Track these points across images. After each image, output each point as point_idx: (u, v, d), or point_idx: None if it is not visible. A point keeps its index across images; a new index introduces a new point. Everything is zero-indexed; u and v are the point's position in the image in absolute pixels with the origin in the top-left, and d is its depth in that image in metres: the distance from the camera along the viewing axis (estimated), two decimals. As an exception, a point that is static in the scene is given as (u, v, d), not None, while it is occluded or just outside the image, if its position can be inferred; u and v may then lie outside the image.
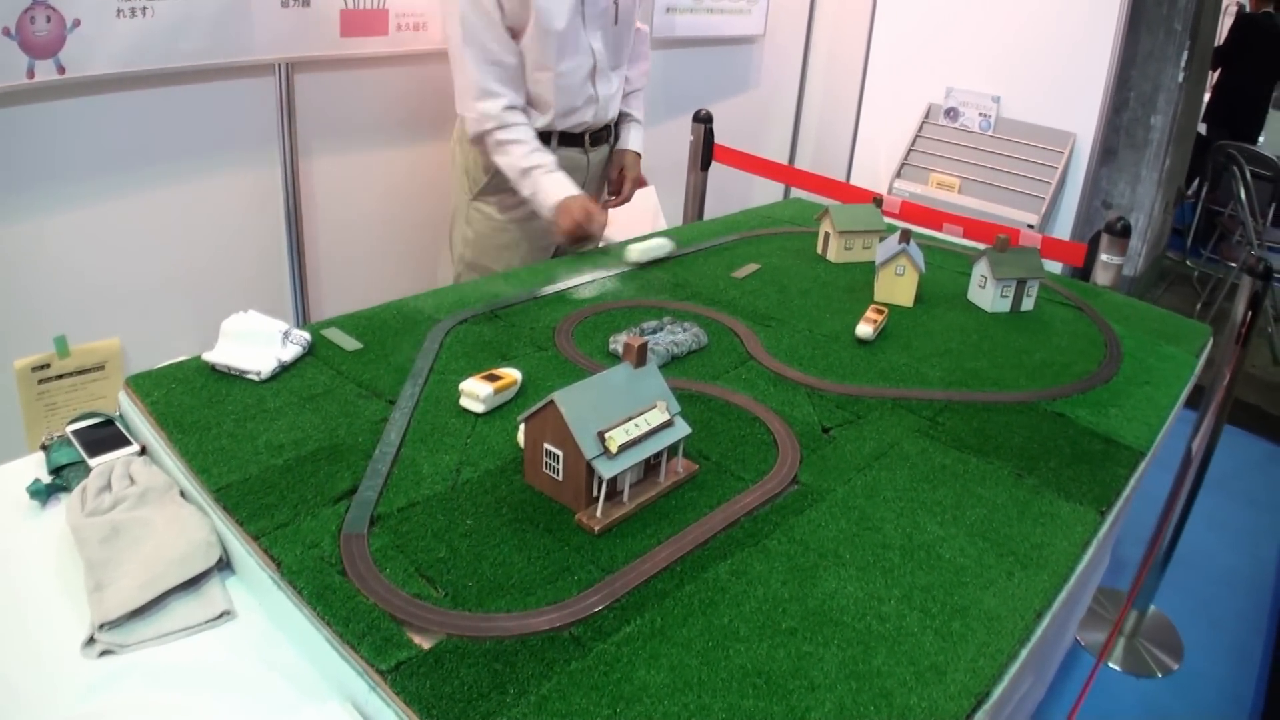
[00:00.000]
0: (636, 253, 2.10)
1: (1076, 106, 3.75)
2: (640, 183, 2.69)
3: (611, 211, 2.66)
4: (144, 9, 2.08)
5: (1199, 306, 5.03)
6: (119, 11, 2.04)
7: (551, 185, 2.28)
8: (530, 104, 2.34)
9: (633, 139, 2.67)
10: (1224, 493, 3.37)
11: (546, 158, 2.31)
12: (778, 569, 1.09)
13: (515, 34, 2.25)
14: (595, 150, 2.55)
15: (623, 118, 2.67)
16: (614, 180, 2.66)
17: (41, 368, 2.19)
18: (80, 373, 2.27)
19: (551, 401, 1.11)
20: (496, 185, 2.42)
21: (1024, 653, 1.02)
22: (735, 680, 0.92)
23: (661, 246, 2.16)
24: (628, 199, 2.69)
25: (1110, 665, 2.51)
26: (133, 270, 2.34)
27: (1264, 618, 2.76)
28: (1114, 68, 3.66)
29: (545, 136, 2.39)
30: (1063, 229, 3.86)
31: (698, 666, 0.94)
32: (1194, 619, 2.70)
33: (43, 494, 1.25)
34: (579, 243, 2.31)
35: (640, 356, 1.20)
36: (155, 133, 2.28)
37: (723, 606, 1.02)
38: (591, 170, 2.57)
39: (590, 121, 2.44)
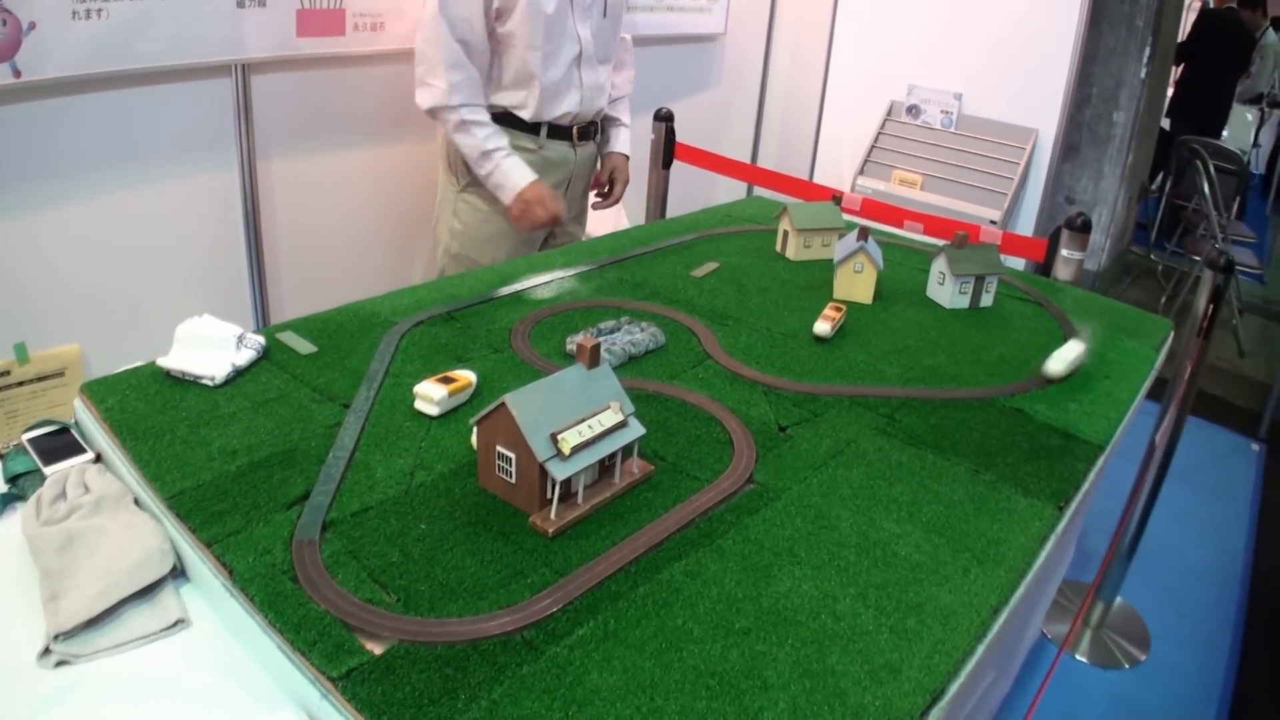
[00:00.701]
0: (1059, 363, 1.68)
1: (1038, 103, 3.78)
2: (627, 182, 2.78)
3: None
4: (99, 10, 2.06)
5: (1164, 300, 5.08)
6: (74, 14, 2.02)
7: (512, 169, 2.40)
8: (516, 84, 2.39)
9: (621, 142, 2.77)
10: (1191, 485, 3.41)
11: (505, 141, 2.40)
12: (732, 569, 1.09)
13: (502, 15, 2.30)
14: (583, 145, 2.60)
15: (610, 122, 2.75)
16: (603, 182, 2.75)
17: (1, 375, 2.17)
18: (40, 379, 2.25)
19: (503, 404, 1.11)
20: None
21: (980, 649, 1.03)
22: (688, 681, 0.93)
23: (1078, 354, 1.72)
24: (618, 199, 2.78)
25: (1077, 657, 2.54)
26: (91, 275, 2.32)
27: (1231, 608, 2.80)
28: (1076, 64, 3.69)
29: (535, 127, 2.45)
30: (1026, 225, 3.89)
31: (651, 668, 0.94)
32: (1161, 610, 2.73)
33: (-1, 504, 1.23)
34: (534, 229, 2.46)
35: (593, 357, 1.20)
36: (112, 136, 2.26)
37: (676, 607, 1.02)
38: (578, 166, 2.62)
39: (577, 111, 2.50)
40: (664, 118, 3.13)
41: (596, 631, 0.98)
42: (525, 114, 2.43)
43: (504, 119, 2.44)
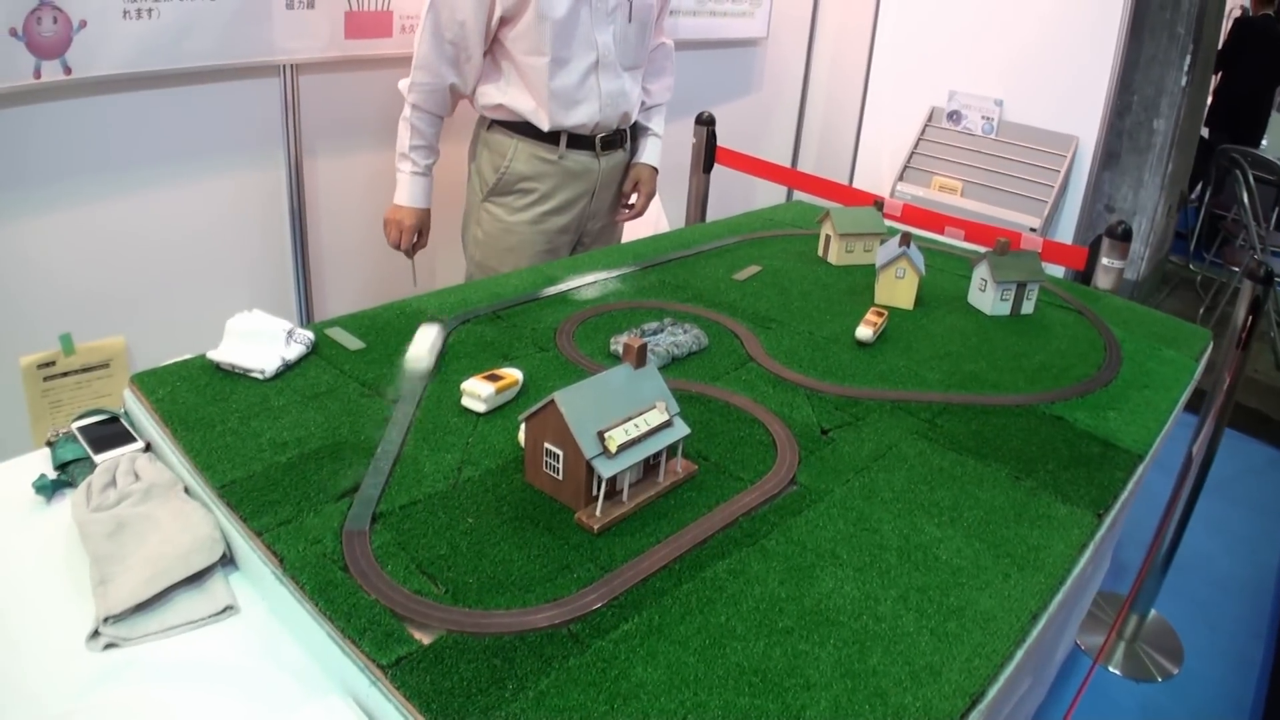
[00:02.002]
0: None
1: (1079, 110, 3.76)
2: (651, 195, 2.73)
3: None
4: (150, 10, 2.10)
5: (1202, 311, 5.03)
6: (125, 13, 2.06)
7: (407, 183, 2.43)
8: (526, 91, 2.34)
9: (649, 153, 2.70)
10: (1225, 497, 3.38)
11: (425, 159, 2.42)
12: (775, 568, 1.10)
13: (508, 20, 2.25)
14: (607, 155, 2.53)
15: (641, 131, 2.69)
16: (626, 193, 2.69)
17: (47, 365, 2.21)
18: (85, 370, 2.29)
19: (552, 401, 1.12)
20: (505, 186, 2.44)
21: (1019, 654, 1.03)
22: (731, 678, 0.93)
23: None
24: (640, 213, 2.73)
25: (1110, 669, 2.52)
26: (138, 269, 2.35)
27: (1264, 623, 2.77)
28: (1117, 71, 3.67)
29: (553, 136, 2.40)
30: (1065, 233, 3.87)
31: (694, 664, 0.95)
32: (1194, 623, 2.71)
33: (48, 489, 1.25)
34: (393, 245, 2.50)
35: (640, 357, 1.21)
36: (160, 133, 2.29)
37: (720, 605, 1.03)
38: (602, 177, 2.55)
39: (597, 120, 2.42)
40: (705, 121, 3.14)
41: (641, 627, 0.99)
42: (540, 123, 2.37)
43: (523, 128, 2.40)
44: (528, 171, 2.43)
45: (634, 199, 2.70)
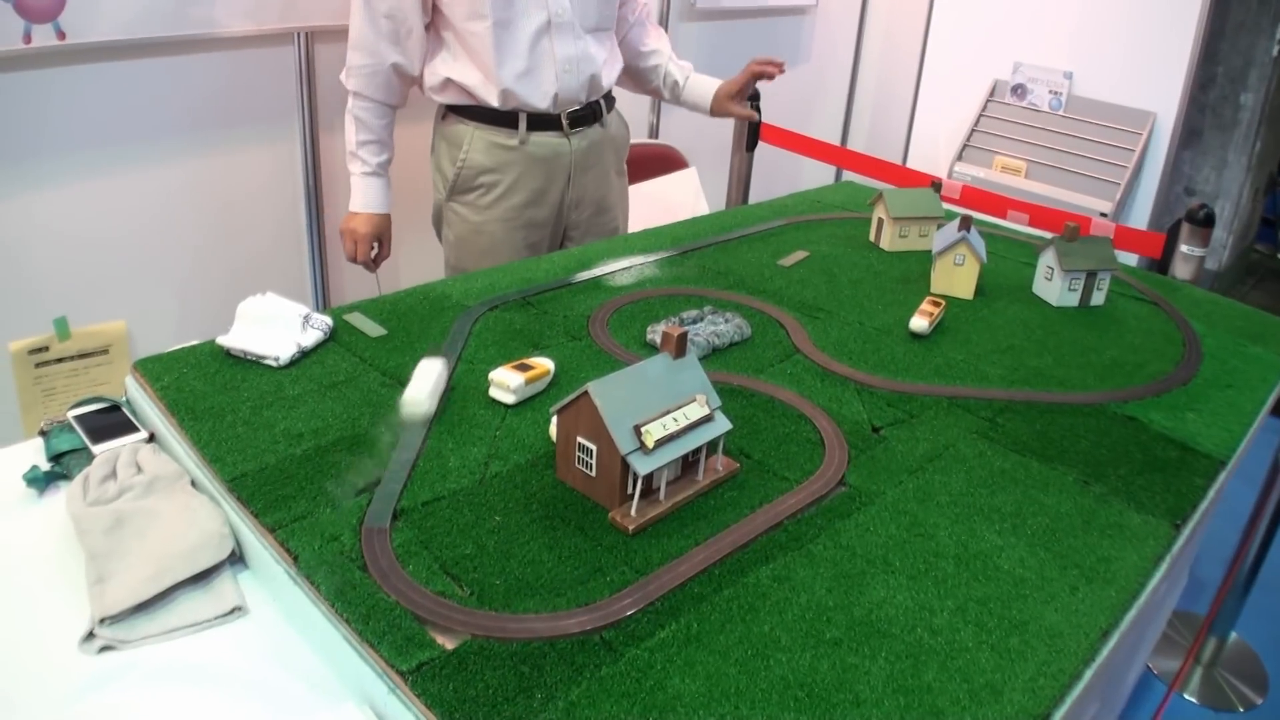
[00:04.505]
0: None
1: (1157, 83, 3.72)
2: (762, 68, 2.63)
3: (649, 195, 2.67)
4: (151, -29, 2.11)
5: (1290, 305, 4.98)
6: (122, -27, 2.07)
7: (363, 188, 2.33)
8: (469, 64, 2.24)
9: (705, 80, 2.66)
10: (1314, 510, 3.33)
11: (376, 156, 2.32)
12: (822, 575, 1.10)
13: None
14: (579, 134, 2.39)
15: (679, 77, 2.65)
16: (753, 77, 2.65)
17: (39, 350, 2.23)
18: (82, 356, 2.31)
19: (586, 393, 1.13)
20: (465, 182, 2.36)
21: (1088, 674, 1.03)
22: (775, 692, 0.94)
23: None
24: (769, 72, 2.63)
25: (1186, 697, 2.50)
26: (139, 249, 2.38)
27: (1356, 648, 2.74)
28: (1200, 40, 3.62)
29: (509, 118, 2.29)
30: (1139, 218, 3.83)
31: (736, 676, 0.95)
32: None
33: (41, 482, 1.27)
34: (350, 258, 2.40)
35: (680, 347, 1.21)
36: (163, 104, 2.31)
37: (763, 613, 1.04)
38: (577, 159, 2.41)
39: (555, 92, 2.28)
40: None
41: (679, 635, 1.00)
42: (490, 98, 2.23)
43: (479, 113, 2.29)
44: (488, 163, 2.32)
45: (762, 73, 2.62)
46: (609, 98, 2.48)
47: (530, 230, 2.41)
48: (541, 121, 2.31)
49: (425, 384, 1.46)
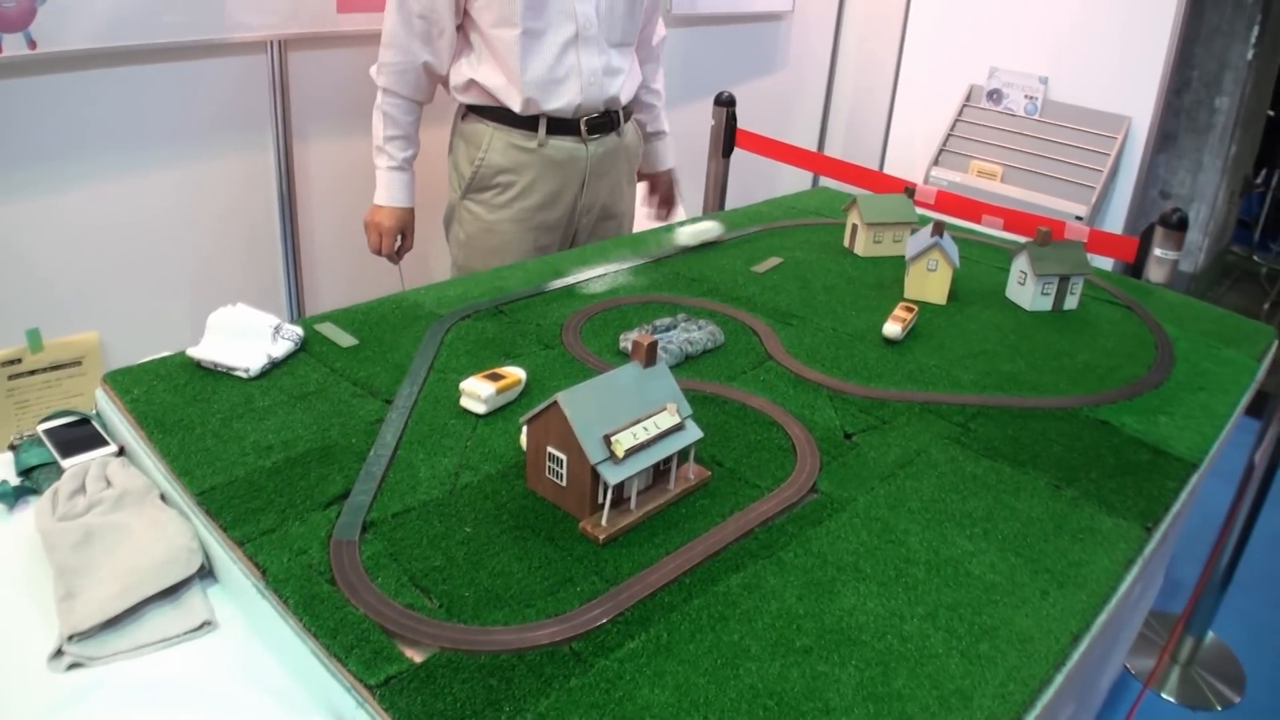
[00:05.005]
0: (686, 235, 2.18)
1: (1132, 88, 3.74)
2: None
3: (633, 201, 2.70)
4: (124, -23, 2.10)
5: (1266, 306, 5.01)
6: (97, -18, 2.06)
7: (388, 181, 2.40)
8: (496, 69, 2.28)
9: (665, 157, 2.78)
10: (1290, 509, 3.35)
11: (404, 151, 2.38)
12: (793, 583, 1.11)
13: None
14: (595, 141, 2.43)
15: (654, 135, 2.73)
16: (660, 204, 2.81)
17: (12, 363, 2.22)
18: (55, 369, 2.30)
19: (555, 402, 1.13)
20: (482, 181, 2.39)
21: (1059, 678, 1.03)
22: (745, 701, 0.94)
23: (711, 230, 2.23)
24: (672, 215, 2.81)
25: (1164, 696, 2.51)
26: (112, 260, 2.36)
27: (1334, 647, 2.76)
28: (1175, 45, 3.65)
29: (530, 122, 2.32)
30: (1115, 221, 3.86)
31: (705, 685, 0.95)
32: (1258, 648, 2.69)
33: (10, 497, 1.26)
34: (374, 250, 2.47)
35: (650, 356, 1.21)
36: (136, 113, 2.30)
37: (733, 622, 1.04)
38: (593, 165, 2.45)
39: (579, 103, 2.34)
40: (725, 102, 3.14)
41: (648, 645, 1.00)
42: (513, 103, 2.28)
43: (499, 115, 2.33)
44: (505, 163, 2.36)
45: (657, 209, 2.78)
46: (626, 109, 2.53)
47: (541, 233, 2.46)
48: (561, 126, 2.36)
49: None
